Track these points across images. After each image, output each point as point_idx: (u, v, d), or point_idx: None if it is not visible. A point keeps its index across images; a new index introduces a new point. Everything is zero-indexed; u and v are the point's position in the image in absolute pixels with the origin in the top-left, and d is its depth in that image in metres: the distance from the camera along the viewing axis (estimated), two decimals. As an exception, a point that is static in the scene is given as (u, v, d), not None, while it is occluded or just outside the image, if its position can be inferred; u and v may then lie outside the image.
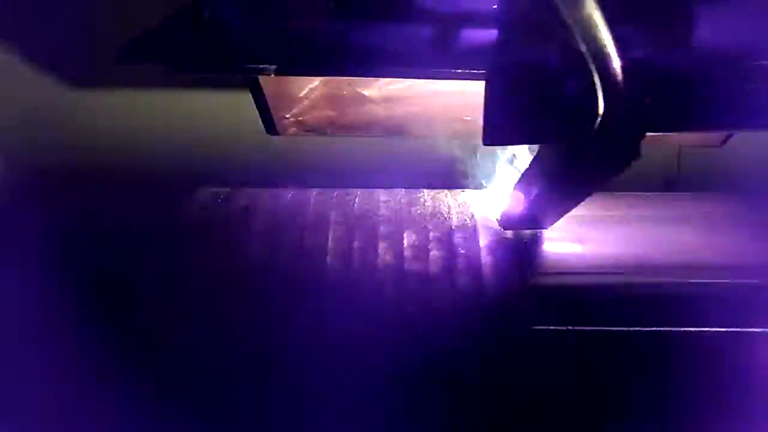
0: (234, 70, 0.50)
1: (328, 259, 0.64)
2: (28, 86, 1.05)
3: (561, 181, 0.49)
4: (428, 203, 0.69)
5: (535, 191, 0.52)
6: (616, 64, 0.38)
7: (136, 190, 0.82)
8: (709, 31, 0.46)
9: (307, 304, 0.62)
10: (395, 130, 0.78)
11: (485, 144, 0.46)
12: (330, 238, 0.65)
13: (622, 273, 0.63)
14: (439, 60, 0.48)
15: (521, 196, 0.58)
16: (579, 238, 0.65)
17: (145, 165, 1.02)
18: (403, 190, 0.72)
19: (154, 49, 0.48)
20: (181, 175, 1.00)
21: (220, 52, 0.48)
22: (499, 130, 0.45)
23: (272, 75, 0.48)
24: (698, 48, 0.44)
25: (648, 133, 0.42)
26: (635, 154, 0.41)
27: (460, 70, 0.47)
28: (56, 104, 1.06)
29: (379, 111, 0.75)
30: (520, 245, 0.64)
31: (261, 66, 0.48)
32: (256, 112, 0.71)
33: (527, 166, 0.56)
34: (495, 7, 0.48)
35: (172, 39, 0.48)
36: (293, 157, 0.90)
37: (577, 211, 0.60)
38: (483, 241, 0.65)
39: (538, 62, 0.42)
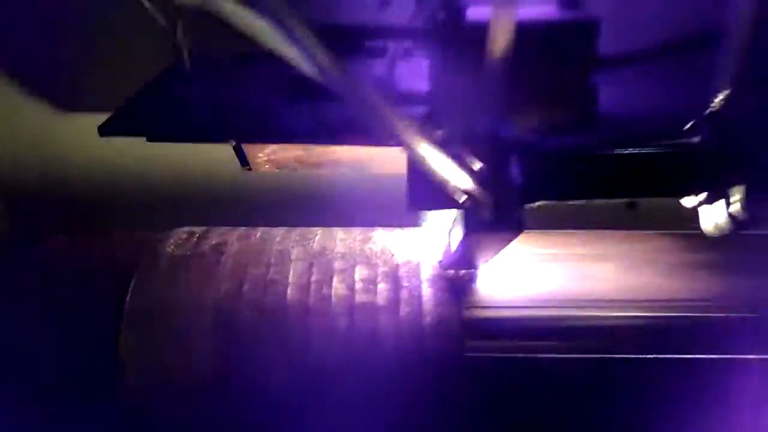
0: (200, 141, 0.59)
1: (289, 291, 0.73)
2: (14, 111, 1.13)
3: (473, 238, 0.58)
4: (380, 241, 0.78)
5: (460, 240, 0.61)
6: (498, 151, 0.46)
7: (118, 224, 0.90)
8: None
9: (269, 332, 0.71)
10: (358, 167, 0.86)
11: (408, 210, 0.54)
12: (291, 273, 0.74)
13: (545, 306, 0.72)
14: (374, 132, 0.56)
15: (454, 240, 0.67)
16: (509, 275, 0.74)
17: (126, 190, 1.10)
18: (360, 228, 0.81)
19: (130, 125, 0.56)
20: (162, 202, 1.08)
21: (188, 126, 0.57)
22: (419, 197, 0.54)
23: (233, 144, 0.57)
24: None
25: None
26: (520, 227, 0.50)
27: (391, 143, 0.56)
28: (39, 129, 1.14)
29: (344, 150, 0.83)
30: (457, 281, 0.73)
31: (224, 138, 0.57)
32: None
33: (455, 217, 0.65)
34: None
35: (144, 115, 0.56)
36: (267, 190, 0.99)
37: (511, 250, 0.68)
38: (424, 276, 0.74)
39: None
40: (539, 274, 0.75)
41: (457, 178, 0.49)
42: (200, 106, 0.58)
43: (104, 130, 0.57)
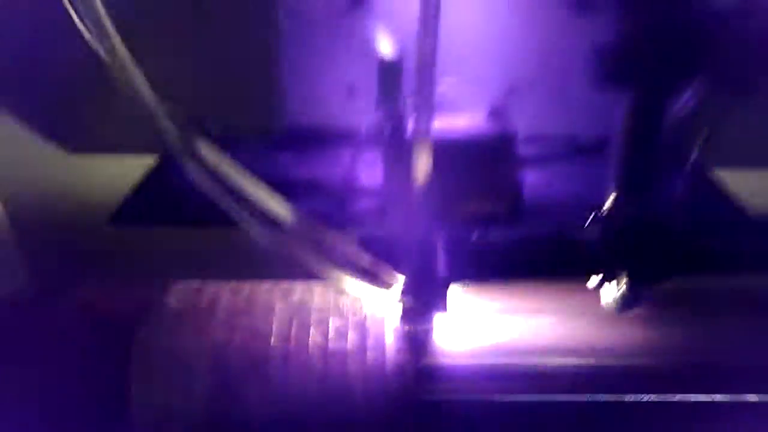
0: (199, 226, 0.71)
1: (272, 339, 0.86)
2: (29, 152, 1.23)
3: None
4: (352, 293, 0.91)
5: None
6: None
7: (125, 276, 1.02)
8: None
9: (255, 375, 0.84)
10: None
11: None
12: (274, 324, 0.87)
13: (492, 355, 0.84)
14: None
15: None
16: (459, 327, 0.86)
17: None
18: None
19: (136, 216, 0.69)
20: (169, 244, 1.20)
21: (185, 212, 0.69)
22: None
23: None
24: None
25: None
26: (443, 309, 0.62)
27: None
28: (51, 169, 1.24)
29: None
30: (415, 332, 0.85)
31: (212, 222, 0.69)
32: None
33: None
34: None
35: (149, 204, 0.69)
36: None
37: (460, 304, 0.80)
38: (388, 326, 0.86)
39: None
40: (485, 325, 0.87)
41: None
42: (195, 194, 0.70)
43: (116, 223, 0.70)
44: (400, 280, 0.61)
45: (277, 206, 0.59)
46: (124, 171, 1.17)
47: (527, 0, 0.69)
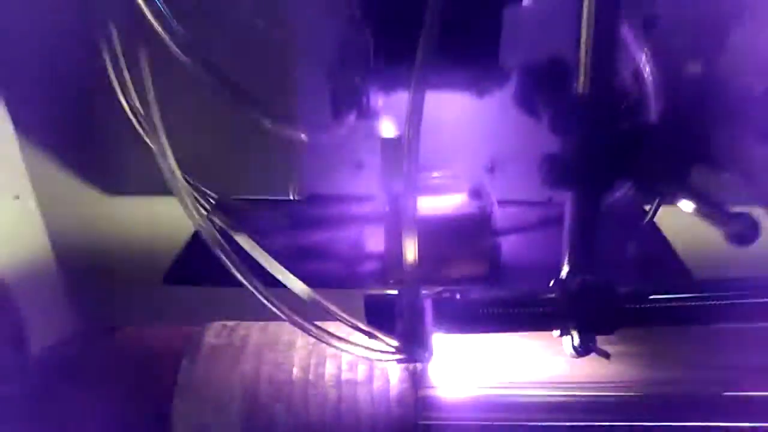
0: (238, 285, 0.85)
1: (294, 370, 1.02)
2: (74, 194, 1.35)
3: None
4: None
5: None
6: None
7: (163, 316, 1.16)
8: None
9: (280, 401, 1.00)
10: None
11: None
12: (296, 357, 1.03)
13: (482, 387, 0.99)
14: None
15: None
16: (455, 360, 1.01)
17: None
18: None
19: (181, 276, 0.85)
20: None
21: (222, 276, 0.85)
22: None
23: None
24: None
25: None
26: (430, 356, 0.77)
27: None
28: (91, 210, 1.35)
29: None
30: (417, 367, 1.01)
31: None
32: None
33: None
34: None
35: (194, 266, 0.84)
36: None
37: (454, 347, 0.95)
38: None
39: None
40: (471, 363, 1.02)
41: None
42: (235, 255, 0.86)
43: (168, 280, 0.86)
44: (397, 332, 0.76)
45: (292, 283, 0.75)
46: (168, 212, 1.30)
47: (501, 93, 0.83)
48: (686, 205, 0.62)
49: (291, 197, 0.99)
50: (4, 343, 1.20)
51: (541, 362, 1.02)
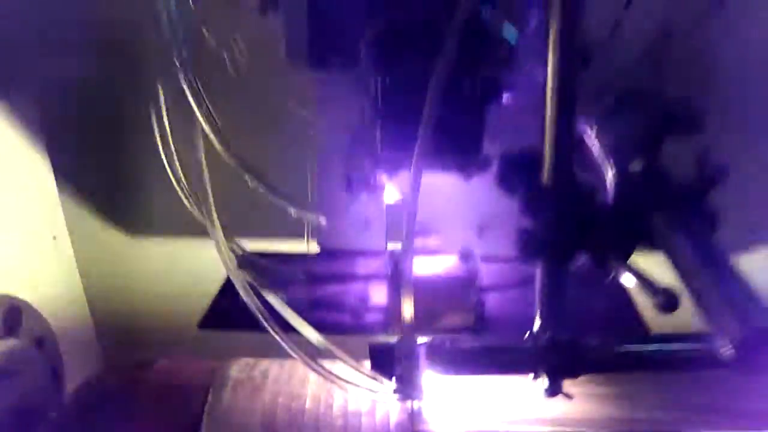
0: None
1: (307, 402, 1.17)
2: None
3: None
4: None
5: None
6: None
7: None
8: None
9: (295, 428, 1.15)
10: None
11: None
12: (309, 390, 1.19)
13: (472, 422, 1.14)
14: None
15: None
16: (448, 399, 1.16)
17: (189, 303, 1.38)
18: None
19: (217, 321, 1.01)
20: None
21: (249, 321, 1.01)
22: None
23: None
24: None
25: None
26: (418, 396, 0.93)
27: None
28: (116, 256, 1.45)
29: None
30: (413, 404, 1.16)
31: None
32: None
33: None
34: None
35: (224, 312, 1.00)
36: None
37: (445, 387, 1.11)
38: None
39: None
40: (460, 402, 1.17)
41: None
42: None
43: (203, 325, 1.02)
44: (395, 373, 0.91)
45: (307, 330, 0.92)
46: (192, 254, 1.45)
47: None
48: (627, 279, 0.77)
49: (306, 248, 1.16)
50: (43, 381, 1.33)
51: (520, 401, 1.17)
